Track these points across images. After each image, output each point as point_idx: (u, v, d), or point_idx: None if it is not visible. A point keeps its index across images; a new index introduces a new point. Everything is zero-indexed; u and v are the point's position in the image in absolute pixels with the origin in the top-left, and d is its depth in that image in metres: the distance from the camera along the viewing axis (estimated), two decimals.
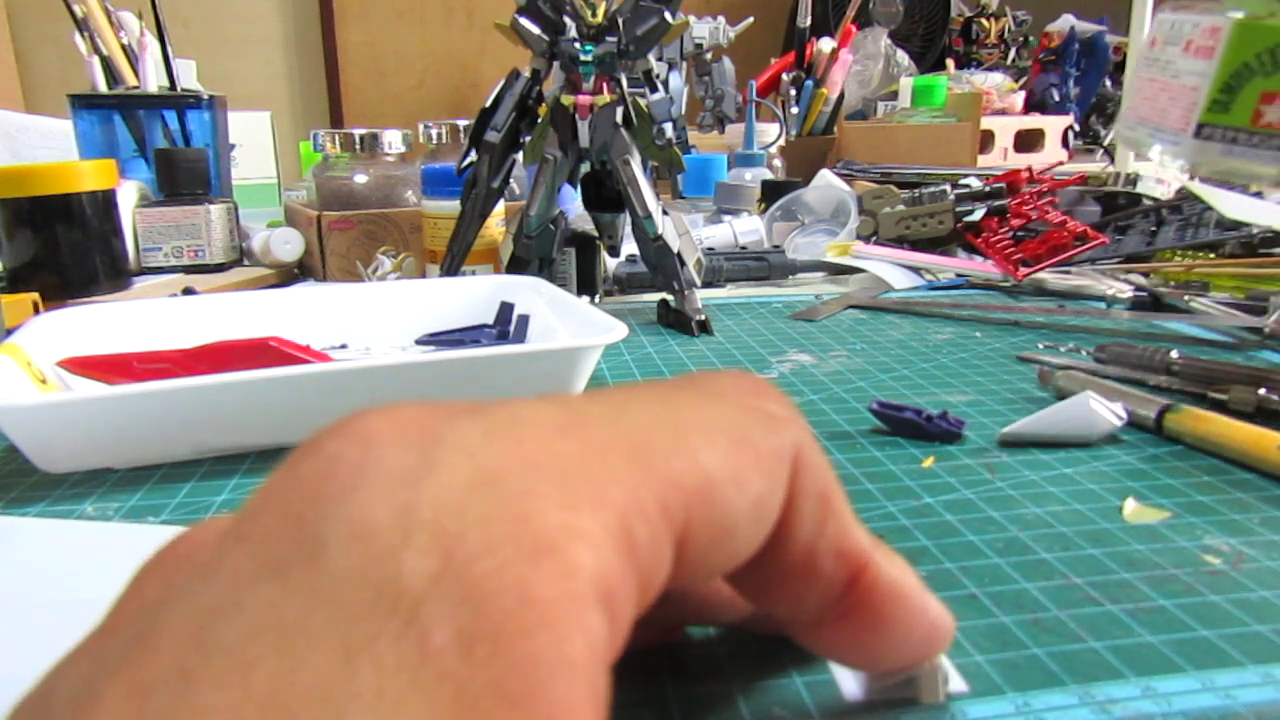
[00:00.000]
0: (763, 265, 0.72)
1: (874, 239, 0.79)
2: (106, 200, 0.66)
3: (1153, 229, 0.75)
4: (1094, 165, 1.51)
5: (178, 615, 0.12)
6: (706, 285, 0.68)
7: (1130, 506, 0.31)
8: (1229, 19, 0.28)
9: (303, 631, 0.11)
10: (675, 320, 0.58)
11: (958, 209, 0.77)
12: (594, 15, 0.54)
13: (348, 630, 0.11)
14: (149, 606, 0.13)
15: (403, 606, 0.11)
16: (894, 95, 1.51)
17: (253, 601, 0.11)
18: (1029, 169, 0.81)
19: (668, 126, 0.56)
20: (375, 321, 0.52)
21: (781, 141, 1.16)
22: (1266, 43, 0.27)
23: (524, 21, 0.55)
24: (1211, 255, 0.68)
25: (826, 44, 1.33)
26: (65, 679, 0.12)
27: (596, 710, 0.11)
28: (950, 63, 1.90)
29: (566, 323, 0.47)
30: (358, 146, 0.78)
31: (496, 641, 0.11)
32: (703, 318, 0.57)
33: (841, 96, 1.34)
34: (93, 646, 0.13)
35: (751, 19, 0.92)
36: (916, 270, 0.73)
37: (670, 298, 0.59)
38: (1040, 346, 0.50)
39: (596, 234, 0.63)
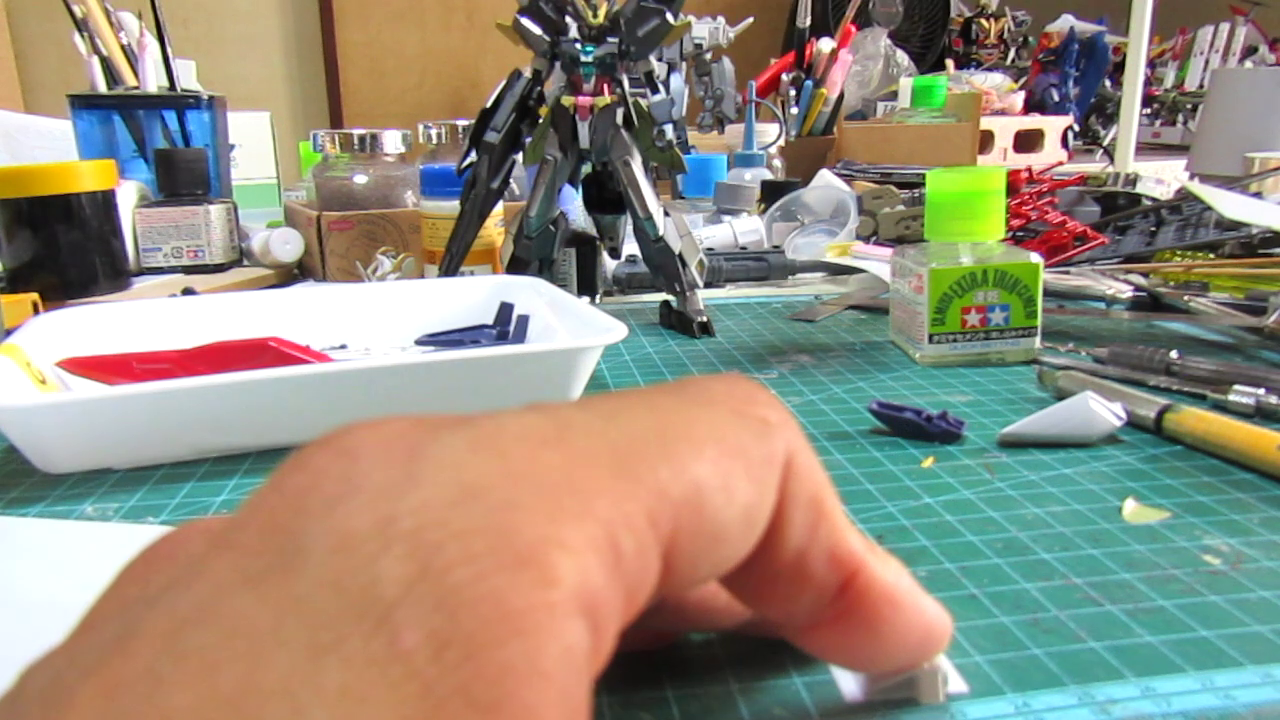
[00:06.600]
0: (762, 265, 0.72)
1: (874, 239, 0.79)
2: (106, 200, 0.66)
3: (1152, 229, 0.75)
4: (1093, 165, 1.51)
5: (153, 619, 0.12)
6: (706, 285, 0.68)
7: (1130, 507, 0.31)
8: (927, 268, 0.47)
9: (274, 635, 0.11)
10: (677, 322, 0.58)
11: None
12: (595, 16, 0.54)
13: (317, 632, 0.11)
14: (128, 606, 0.13)
15: (376, 610, 0.11)
16: (894, 95, 1.51)
17: (229, 609, 0.11)
18: (1029, 169, 0.81)
19: (668, 128, 0.55)
20: (375, 322, 0.52)
21: (781, 142, 1.16)
22: (951, 280, 0.47)
23: (525, 22, 0.55)
24: (1211, 255, 0.68)
25: (826, 44, 1.33)
26: (41, 675, 0.12)
27: None
28: (950, 63, 1.90)
29: (566, 323, 0.47)
30: (357, 147, 0.78)
31: (468, 647, 0.11)
32: (705, 319, 0.57)
33: (841, 97, 1.34)
34: (70, 645, 0.13)
35: (751, 19, 0.92)
36: None
37: (672, 299, 0.59)
38: (1040, 346, 0.50)
39: (597, 235, 0.63)
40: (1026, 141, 1.50)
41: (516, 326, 0.51)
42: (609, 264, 0.67)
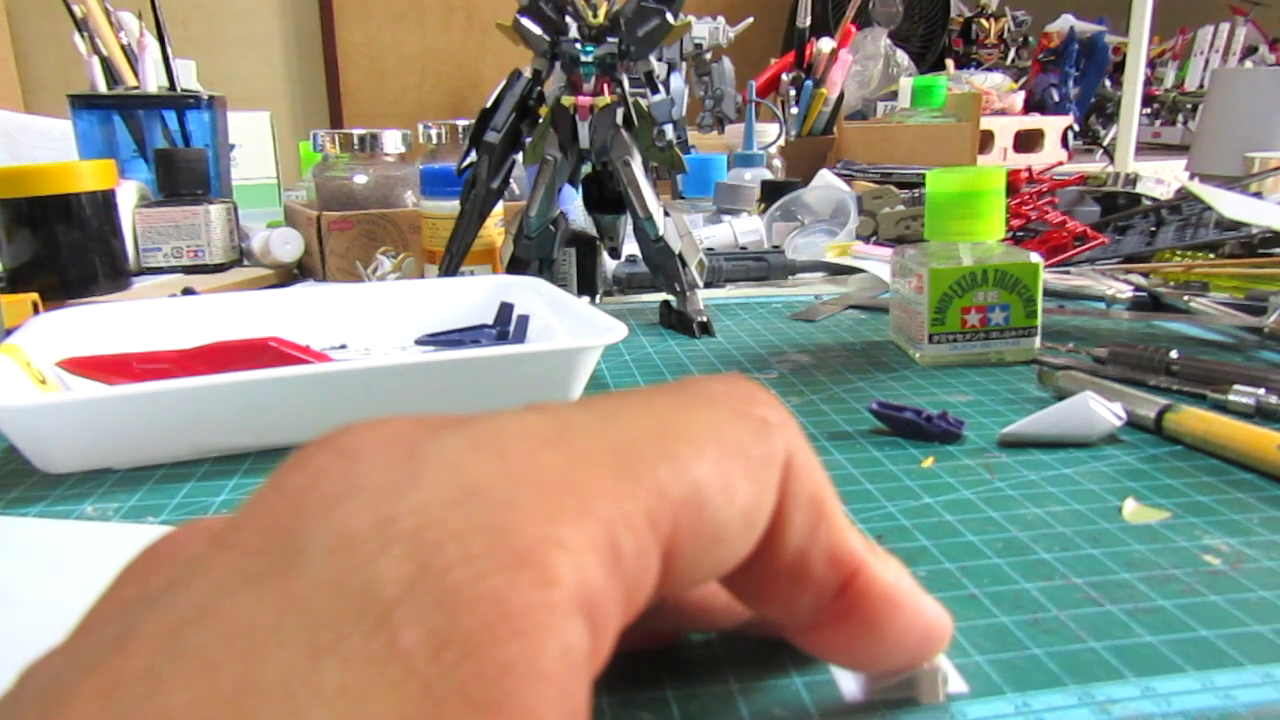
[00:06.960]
0: (762, 265, 0.72)
1: (874, 239, 0.79)
2: (106, 200, 0.66)
3: (1152, 229, 0.75)
4: (1093, 165, 1.51)
5: (153, 619, 0.12)
6: (706, 285, 0.68)
7: (1130, 506, 0.31)
8: (927, 268, 0.47)
9: (273, 635, 0.11)
10: (677, 322, 0.58)
11: None
12: (595, 16, 0.54)
13: (317, 632, 0.11)
14: (127, 606, 0.13)
15: (375, 610, 0.11)
16: (894, 95, 1.51)
17: (228, 609, 0.11)
18: (1029, 169, 0.81)
19: (668, 128, 0.55)
20: (375, 321, 0.52)
21: (781, 141, 1.16)
22: (951, 280, 0.47)
23: (525, 21, 0.55)
24: (1211, 255, 0.68)
25: (826, 44, 1.33)
26: (40, 675, 0.12)
27: None
28: (950, 63, 1.90)
29: (566, 323, 0.47)
30: (357, 147, 0.78)
31: (467, 647, 0.11)
32: (705, 319, 0.57)
33: (841, 97, 1.34)
34: (69, 645, 0.13)
35: (751, 19, 0.92)
36: None
37: (672, 299, 0.59)
38: (1040, 346, 0.50)
39: (597, 235, 0.63)
40: (1026, 141, 1.50)
41: (516, 326, 0.51)
42: (609, 264, 0.67)
